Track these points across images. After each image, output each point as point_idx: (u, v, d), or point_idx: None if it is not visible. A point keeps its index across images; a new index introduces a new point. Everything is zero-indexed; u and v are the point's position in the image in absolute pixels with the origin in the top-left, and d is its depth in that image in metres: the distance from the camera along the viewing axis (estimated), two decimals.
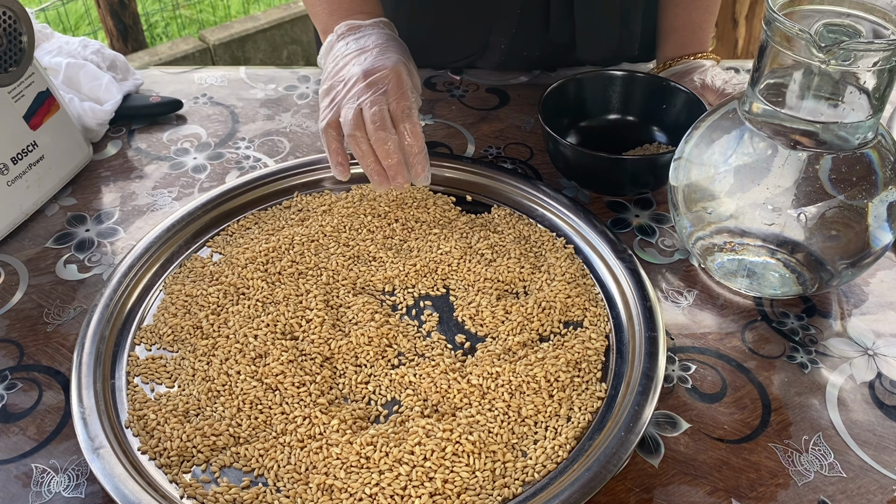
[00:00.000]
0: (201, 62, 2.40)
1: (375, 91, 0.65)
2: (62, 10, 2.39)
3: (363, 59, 0.68)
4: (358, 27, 0.71)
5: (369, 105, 0.64)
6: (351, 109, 0.65)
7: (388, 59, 0.67)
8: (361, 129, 0.64)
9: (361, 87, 0.65)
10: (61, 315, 0.64)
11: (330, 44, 0.72)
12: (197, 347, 0.60)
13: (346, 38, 0.71)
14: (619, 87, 0.80)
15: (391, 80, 0.66)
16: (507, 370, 0.57)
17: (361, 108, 0.64)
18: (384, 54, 0.68)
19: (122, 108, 0.84)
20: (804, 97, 0.54)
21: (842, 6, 0.54)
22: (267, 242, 0.68)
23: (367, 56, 0.68)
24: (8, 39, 0.68)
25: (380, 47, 0.69)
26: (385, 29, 0.72)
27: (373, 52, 0.68)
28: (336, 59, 0.70)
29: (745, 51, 1.87)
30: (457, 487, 0.51)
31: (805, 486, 0.52)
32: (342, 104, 0.66)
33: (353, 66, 0.67)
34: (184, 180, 0.78)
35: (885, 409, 0.57)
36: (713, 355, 0.61)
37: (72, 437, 0.54)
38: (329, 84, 0.68)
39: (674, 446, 0.55)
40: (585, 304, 0.63)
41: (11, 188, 0.70)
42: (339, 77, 0.68)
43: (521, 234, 0.70)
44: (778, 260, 0.62)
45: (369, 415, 0.56)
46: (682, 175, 0.63)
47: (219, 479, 0.52)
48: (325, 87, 0.69)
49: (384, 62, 0.67)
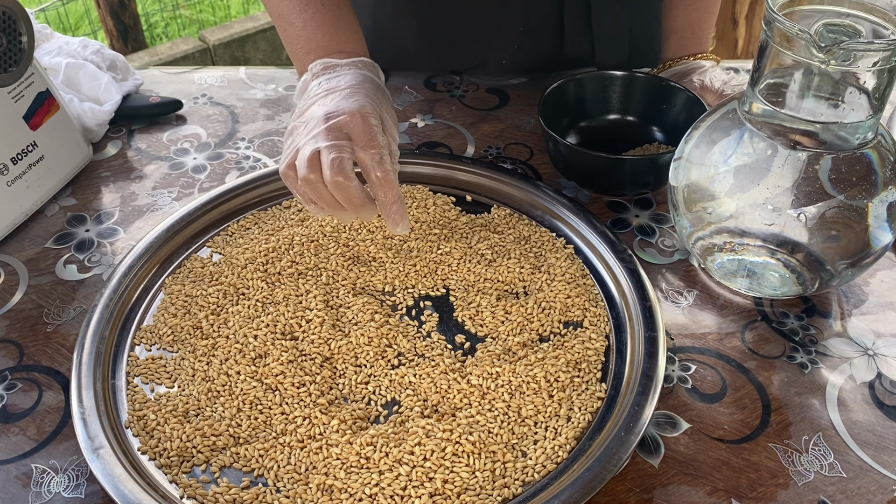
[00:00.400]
0: (201, 62, 2.40)
1: (336, 136, 0.59)
2: (62, 10, 2.39)
3: (328, 101, 0.63)
4: (333, 66, 0.67)
5: (327, 150, 0.58)
6: (307, 151, 0.59)
7: (354, 101, 0.62)
8: (317, 171, 0.58)
9: (321, 129, 0.60)
10: (61, 315, 0.64)
11: (305, 83, 0.68)
12: (197, 348, 0.60)
13: (319, 78, 0.66)
14: (619, 87, 0.80)
15: (354, 124, 0.60)
16: (507, 370, 0.57)
17: (319, 149, 0.59)
18: (351, 97, 0.62)
19: (122, 109, 0.84)
20: (804, 97, 0.54)
21: (842, 6, 0.54)
22: (267, 243, 0.68)
23: (333, 97, 0.63)
24: (8, 39, 0.68)
25: (350, 88, 0.63)
26: (362, 69, 0.67)
27: (340, 94, 0.63)
28: (306, 99, 0.65)
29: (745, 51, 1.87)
30: (457, 488, 0.51)
31: (805, 487, 0.52)
32: (300, 146, 0.60)
33: (317, 107, 0.62)
34: (184, 180, 0.78)
35: (885, 409, 0.57)
36: (713, 355, 0.61)
37: (72, 438, 0.54)
38: (292, 125, 0.63)
39: (674, 446, 0.55)
40: (585, 304, 0.63)
41: (11, 188, 0.70)
42: (302, 119, 0.63)
43: (521, 235, 0.70)
44: (778, 260, 0.62)
45: (369, 415, 0.56)
46: (682, 175, 0.63)
47: (219, 479, 0.52)
48: (289, 129, 0.64)
49: (348, 105, 0.61)
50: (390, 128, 0.63)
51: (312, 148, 0.58)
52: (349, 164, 0.58)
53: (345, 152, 0.58)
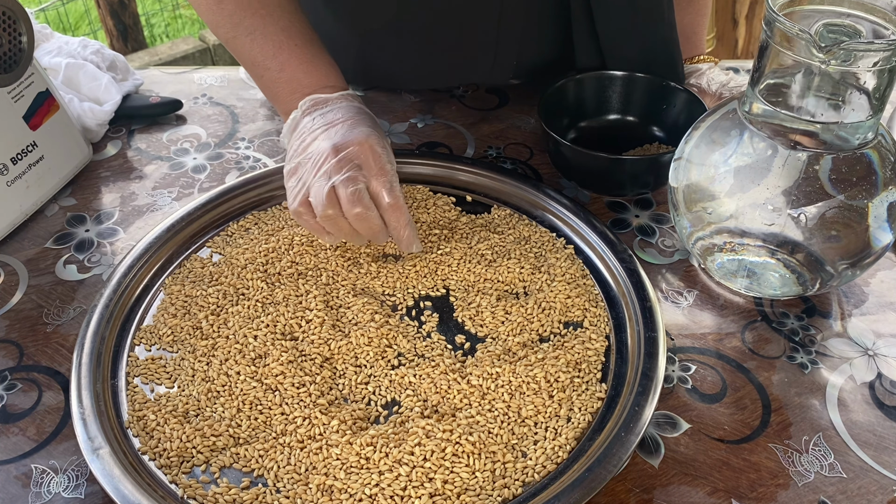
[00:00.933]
0: (201, 62, 2.40)
1: (350, 168, 0.60)
2: (62, 10, 2.39)
3: (332, 134, 0.63)
4: (324, 101, 0.67)
5: (345, 184, 0.59)
6: (323, 188, 0.60)
7: (360, 132, 0.63)
8: (336, 207, 0.60)
9: (332, 163, 0.61)
10: (61, 315, 0.64)
11: (294, 120, 0.67)
12: (196, 348, 0.60)
13: (311, 114, 0.66)
14: (619, 87, 0.80)
15: (364, 154, 0.61)
16: (507, 371, 0.57)
17: (335, 186, 0.60)
18: (355, 128, 0.63)
19: (122, 109, 0.84)
20: (804, 97, 0.54)
21: (842, 6, 0.54)
22: (266, 243, 0.68)
23: (335, 130, 0.63)
24: (8, 39, 0.68)
25: (351, 121, 0.64)
26: (353, 102, 0.68)
27: (343, 126, 0.63)
28: (302, 136, 0.65)
29: (745, 51, 1.87)
30: (457, 488, 0.51)
31: (805, 487, 0.52)
32: (311, 183, 0.61)
33: (322, 141, 0.63)
34: (183, 180, 0.78)
35: (885, 410, 0.57)
36: (713, 355, 0.61)
37: (71, 438, 0.54)
38: (296, 162, 0.64)
39: (674, 447, 0.55)
40: (585, 304, 0.63)
41: (11, 188, 0.70)
42: (307, 154, 0.63)
43: (521, 235, 0.70)
44: (778, 260, 0.62)
45: (369, 415, 0.56)
46: (682, 175, 0.63)
47: (218, 479, 0.52)
48: (292, 167, 0.64)
49: (355, 136, 0.62)
50: (391, 155, 0.65)
51: (327, 184, 0.60)
52: (366, 194, 0.60)
53: (360, 183, 0.60)
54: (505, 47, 0.81)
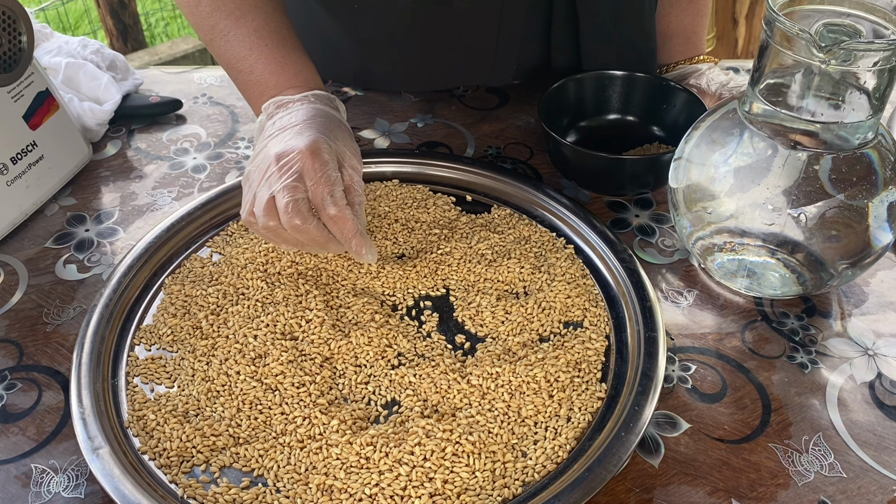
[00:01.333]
0: (201, 62, 2.40)
1: (288, 176, 0.58)
2: (62, 9, 2.39)
3: (279, 140, 0.61)
4: (286, 103, 0.65)
5: (282, 193, 0.58)
6: (263, 198, 0.59)
7: (304, 137, 0.60)
8: (275, 217, 0.59)
9: (273, 172, 0.59)
10: (61, 315, 0.64)
11: (261, 123, 0.66)
12: (196, 348, 0.60)
13: (273, 117, 0.65)
14: (619, 87, 0.80)
15: (304, 161, 0.58)
16: (507, 370, 0.57)
17: (273, 196, 0.58)
18: (301, 133, 0.61)
19: (122, 108, 0.84)
20: (804, 97, 0.54)
21: (842, 6, 0.54)
22: (266, 243, 0.68)
23: (284, 136, 0.61)
24: (7, 39, 0.68)
25: (301, 124, 0.62)
26: (315, 103, 0.65)
27: (291, 132, 0.61)
28: (261, 140, 0.64)
29: (745, 51, 1.87)
30: (457, 488, 0.51)
31: (805, 487, 0.52)
32: (256, 191, 0.60)
33: (269, 147, 0.61)
34: (183, 180, 0.78)
35: (885, 409, 0.57)
36: (713, 355, 0.61)
37: (71, 438, 0.54)
38: (248, 170, 0.63)
39: (674, 446, 0.55)
40: (585, 304, 0.63)
41: (11, 188, 0.70)
42: (256, 162, 0.62)
43: (521, 235, 0.70)
44: (778, 260, 0.62)
45: (369, 415, 0.56)
46: (682, 175, 0.63)
47: (218, 479, 0.52)
48: (245, 173, 0.63)
49: (297, 142, 0.59)
50: (349, 159, 0.62)
51: (267, 194, 0.58)
52: (304, 204, 0.58)
53: (298, 193, 0.58)
54: (504, 52, 0.81)
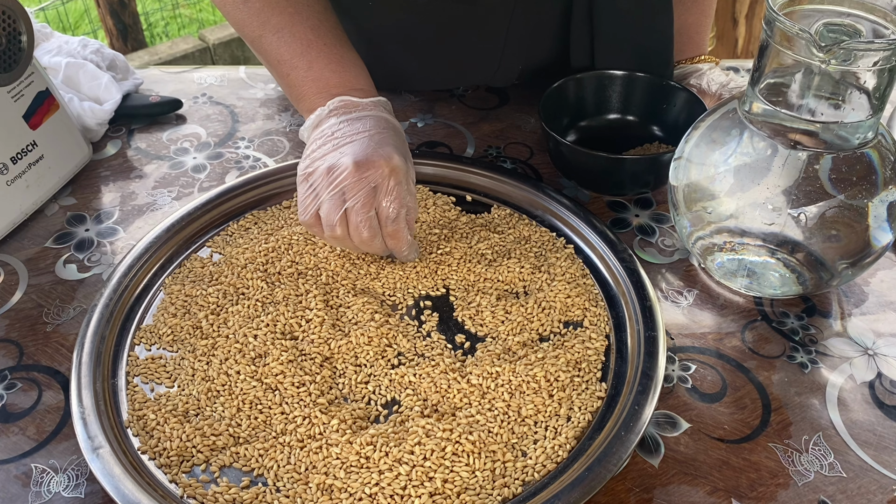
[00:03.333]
0: (201, 62, 2.40)
1: (365, 191, 0.59)
2: (62, 9, 2.39)
3: (356, 147, 0.60)
4: (354, 106, 0.64)
5: (357, 211, 0.59)
6: (335, 208, 0.59)
7: (383, 152, 0.60)
8: (345, 228, 0.60)
9: (350, 182, 0.58)
10: (61, 315, 0.64)
11: (319, 118, 0.64)
12: (196, 347, 0.60)
13: (338, 116, 0.63)
14: (619, 86, 0.80)
15: (383, 178, 0.59)
16: (507, 370, 0.57)
17: (347, 210, 0.59)
18: (380, 147, 0.60)
19: (122, 108, 0.84)
20: (804, 97, 0.54)
21: (842, 6, 0.54)
22: (266, 242, 0.68)
23: (359, 145, 0.60)
24: (7, 39, 0.68)
25: (378, 135, 0.61)
26: (383, 112, 0.65)
27: (369, 140, 0.61)
28: (324, 138, 0.62)
29: (745, 50, 1.87)
30: (456, 487, 0.51)
31: (805, 486, 0.52)
32: (324, 198, 0.59)
33: (344, 152, 0.60)
34: (183, 180, 0.78)
35: (885, 409, 0.57)
36: (713, 355, 0.61)
37: (71, 437, 0.54)
38: (312, 168, 0.61)
39: (674, 446, 0.55)
40: (585, 304, 0.63)
41: (11, 188, 0.70)
42: (325, 162, 0.60)
43: (521, 235, 0.70)
44: (778, 260, 0.62)
45: (369, 415, 0.56)
46: (682, 175, 0.63)
47: (218, 479, 0.52)
48: (306, 171, 0.61)
49: (377, 155, 0.59)
50: (412, 172, 0.63)
51: (340, 206, 0.59)
52: (375, 220, 0.60)
53: (371, 210, 0.60)
54: (511, 52, 0.81)
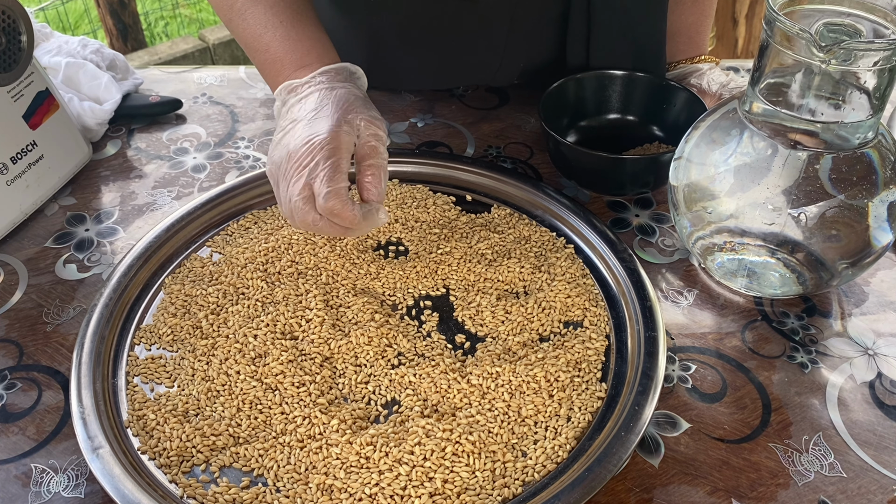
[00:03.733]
0: (201, 61, 2.40)
1: (296, 174, 0.57)
2: (61, 9, 2.39)
3: (290, 137, 0.60)
4: (296, 88, 0.64)
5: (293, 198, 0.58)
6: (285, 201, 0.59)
7: (314, 128, 0.59)
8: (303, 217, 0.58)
9: (287, 167, 0.58)
10: (61, 315, 0.64)
11: (276, 111, 0.66)
12: (196, 347, 0.60)
13: (286, 104, 0.64)
14: (619, 86, 0.80)
15: (316, 159, 0.57)
16: (507, 370, 0.57)
17: (290, 198, 0.58)
18: (312, 125, 0.59)
19: (122, 108, 0.84)
20: (804, 97, 0.54)
21: (842, 6, 0.54)
22: (266, 242, 0.68)
23: (295, 130, 0.60)
24: (7, 39, 0.68)
25: (313, 113, 0.60)
26: (324, 84, 0.63)
27: (301, 125, 0.60)
28: (277, 135, 0.62)
29: (745, 50, 1.87)
30: (457, 487, 0.51)
31: (805, 486, 0.52)
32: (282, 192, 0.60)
33: (285, 144, 0.60)
34: (183, 180, 0.78)
35: (886, 409, 0.57)
36: (713, 355, 0.61)
37: (71, 437, 0.54)
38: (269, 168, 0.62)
39: (674, 446, 0.55)
40: (585, 304, 0.63)
41: (11, 188, 0.70)
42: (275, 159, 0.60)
43: (521, 235, 0.70)
44: (778, 260, 0.62)
45: (369, 415, 0.56)
46: (682, 175, 0.63)
47: (218, 479, 0.52)
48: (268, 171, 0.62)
49: (308, 134, 0.58)
50: (366, 129, 0.60)
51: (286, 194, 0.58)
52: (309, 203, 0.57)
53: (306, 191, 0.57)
54: (513, 51, 0.81)
